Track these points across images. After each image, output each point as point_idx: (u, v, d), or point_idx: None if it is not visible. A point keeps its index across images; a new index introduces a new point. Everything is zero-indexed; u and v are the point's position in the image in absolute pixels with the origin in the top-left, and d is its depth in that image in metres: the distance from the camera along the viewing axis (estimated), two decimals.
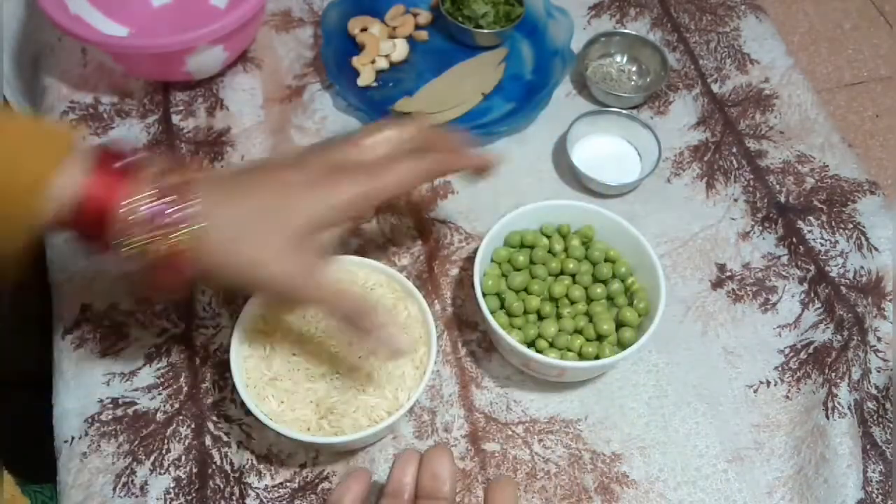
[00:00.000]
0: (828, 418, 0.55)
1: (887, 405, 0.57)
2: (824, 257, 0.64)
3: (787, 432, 0.56)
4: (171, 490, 0.52)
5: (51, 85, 0.72)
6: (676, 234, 0.65)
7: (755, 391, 0.58)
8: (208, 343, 0.58)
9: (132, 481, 0.52)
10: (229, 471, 0.53)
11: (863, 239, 0.65)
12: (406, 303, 0.54)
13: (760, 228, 0.65)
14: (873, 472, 0.55)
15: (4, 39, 0.78)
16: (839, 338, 0.59)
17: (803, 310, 0.61)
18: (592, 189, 0.66)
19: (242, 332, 0.52)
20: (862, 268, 0.63)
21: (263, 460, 0.53)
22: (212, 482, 0.53)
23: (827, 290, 0.62)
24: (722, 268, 0.63)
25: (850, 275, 0.63)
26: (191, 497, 0.52)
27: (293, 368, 0.51)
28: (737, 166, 0.69)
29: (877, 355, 0.59)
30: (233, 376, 0.50)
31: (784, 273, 0.63)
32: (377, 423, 0.49)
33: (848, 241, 0.65)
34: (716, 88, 0.74)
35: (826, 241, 0.65)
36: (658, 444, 0.55)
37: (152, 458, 0.53)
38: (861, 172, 0.69)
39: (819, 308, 0.61)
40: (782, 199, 0.67)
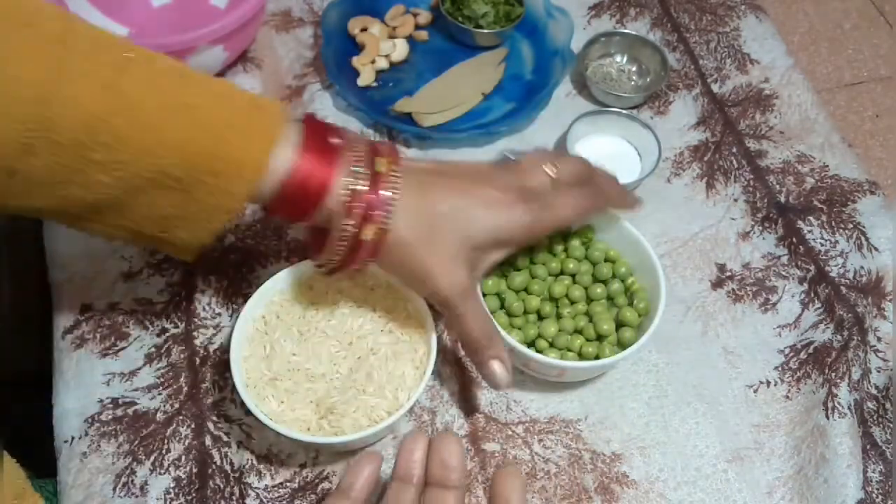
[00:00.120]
0: (828, 418, 0.55)
1: (887, 405, 0.57)
2: (824, 257, 0.64)
3: (787, 432, 0.56)
4: (171, 490, 0.52)
5: None
6: (676, 234, 0.65)
7: (755, 391, 0.58)
8: (208, 343, 0.58)
9: (132, 481, 0.52)
10: (229, 471, 0.53)
11: (863, 239, 0.65)
12: (406, 303, 0.54)
13: (760, 228, 0.65)
14: (873, 472, 0.55)
15: None
16: (839, 338, 0.59)
17: (803, 310, 0.61)
18: None
19: (242, 332, 0.52)
20: (862, 268, 0.63)
21: (263, 460, 0.53)
22: (212, 482, 0.53)
23: (827, 290, 0.62)
24: (722, 268, 0.63)
25: (850, 275, 0.63)
26: (191, 497, 0.52)
27: (293, 368, 0.51)
28: (737, 166, 0.69)
29: (877, 355, 0.59)
30: (233, 376, 0.50)
31: (784, 273, 0.63)
32: (377, 423, 0.49)
33: (848, 241, 0.65)
34: (716, 88, 0.74)
35: (826, 241, 0.65)
36: (658, 444, 0.55)
37: (152, 458, 0.53)
38: (861, 172, 0.69)
39: (819, 308, 0.61)
40: (782, 199, 0.67)
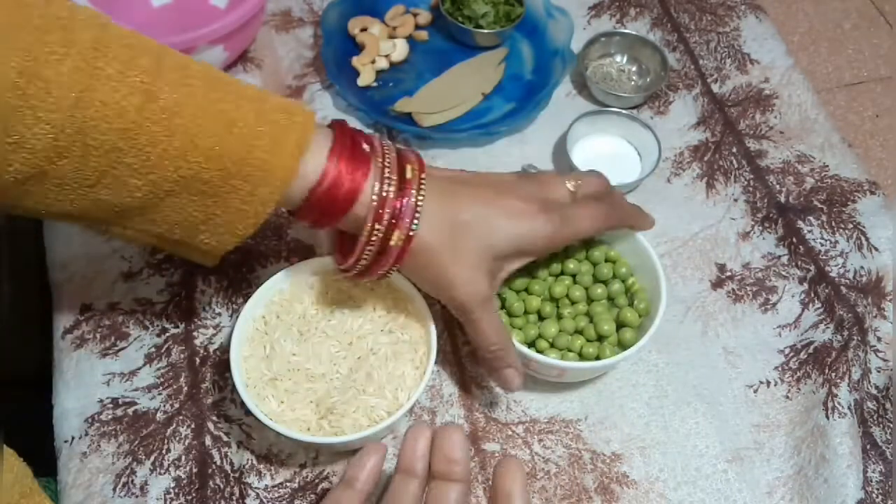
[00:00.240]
0: (828, 418, 0.55)
1: (887, 405, 0.57)
2: (824, 257, 0.64)
3: (787, 432, 0.56)
4: (171, 490, 0.52)
5: None
6: (676, 234, 0.65)
7: (755, 391, 0.58)
8: (208, 343, 0.58)
9: (132, 481, 0.52)
10: (229, 471, 0.53)
11: (863, 239, 0.65)
12: (406, 303, 0.54)
13: (760, 228, 0.65)
14: (873, 472, 0.55)
15: None
16: (839, 338, 0.59)
17: (803, 310, 0.61)
18: None
19: (242, 332, 0.52)
20: (862, 268, 0.63)
21: (263, 460, 0.53)
22: (212, 482, 0.53)
23: (827, 290, 0.62)
24: (722, 268, 0.63)
25: (850, 275, 0.63)
26: (191, 497, 0.52)
27: (293, 368, 0.51)
28: (737, 166, 0.69)
29: (877, 355, 0.59)
30: (233, 376, 0.50)
31: (784, 273, 0.63)
32: (377, 423, 0.49)
33: (848, 241, 0.65)
34: (716, 88, 0.74)
35: (826, 241, 0.65)
36: (658, 444, 0.55)
37: (152, 458, 0.53)
38: (861, 172, 0.69)
39: (819, 308, 0.61)
40: (782, 199, 0.67)
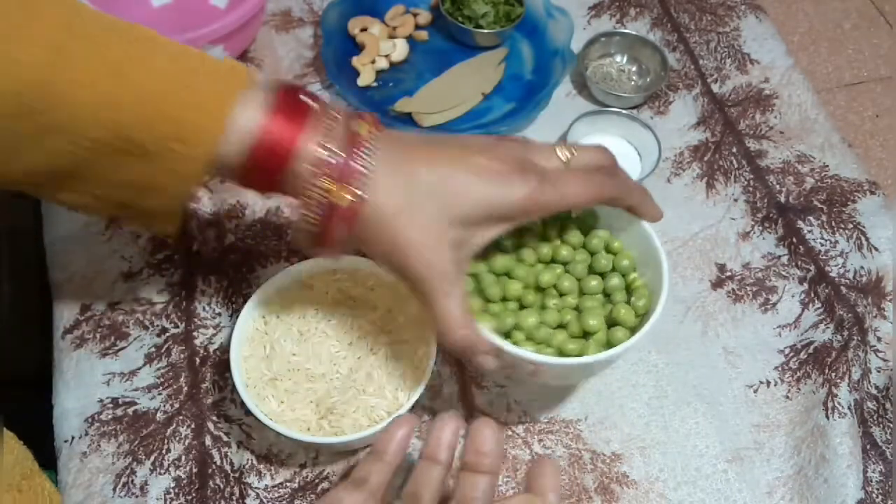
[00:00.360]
0: (828, 418, 0.55)
1: (887, 405, 0.57)
2: (824, 257, 0.64)
3: (787, 432, 0.56)
4: (171, 490, 0.52)
5: None
6: (676, 234, 0.65)
7: (755, 391, 0.58)
8: (208, 343, 0.58)
9: (132, 481, 0.52)
10: (229, 471, 0.53)
11: (863, 239, 0.65)
12: (405, 303, 0.54)
13: (760, 228, 0.65)
14: (873, 472, 0.55)
15: None
16: (839, 338, 0.59)
17: (803, 310, 0.61)
18: None
19: (242, 332, 0.52)
20: (862, 268, 0.63)
21: (263, 460, 0.53)
22: (212, 482, 0.53)
23: (827, 290, 0.62)
24: (722, 268, 0.63)
25: (850, 275, 0.63)
26: (191, 497, 0.52)
27: (293, 368, 0.51)
28: (737, 166, 0.69)
29: (877, 355, 0.59)
30: (233, 376, 0.50)
31: (784, 273, 0.63)
32: (377, 423, 0.49)
33: (848, 241, 0.65)
34: (716, 88, 0.74)
35: (826, 241, 0.65)
36: (658, 444, 0.55)
37: (152, 458, 0.53)
38: (861, 172, 0.69)
39: (819, 308, 0.61)
40: (782, 199, 0.67)
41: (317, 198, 0.42)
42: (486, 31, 0.74)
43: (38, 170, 0.43)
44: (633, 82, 0.75)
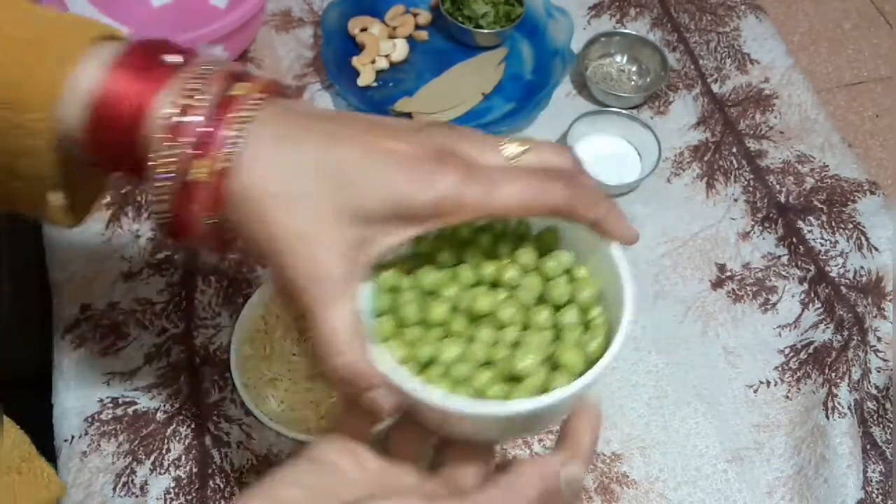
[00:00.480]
0: (828, 418, 0.55)
1: (887, 405, 0.57)
2: (824, 257, 0.64)
3: (787, 432, 0.56)
4: (172, 490, 0.52)
5: None
6: (676, 234, 0.65)
7: (755, 391, 0.58)
8: (208, 343, 0.58)
9: (132, 481, 0.52)
10: (229, 471, 0.53)
11: (863, 239, 0.65)
12: None
13: (760, 228, 0.66)
14: (873, 472, 0.55)
15: None
16: (839, 338, 0.59)
17: (803, 310, 0.61)
18: None
19: (242, 332, 0.52)
20: (862, 268, 0.63)
21: (263, 460, 0.53)
22: (212, 482, 0.53)
23: (827, 290, 0.62)
24: (722, 268, 0.63)
25: (850, 275, 0.63)
26: (191, 497, 0.52)
27: (293, 368, 0.51)
28: (737, 166, 0.69)
29: (877, 355, 0.59)
30: (233, 376, 0.50)
31: (784, 273, 0.63)
32: None
33: (848, 241, 0.65)
34: (716, 88, 0.74)
35: (826, 241, 0.65)
36: (658, 444, 0.55)
37: (152, 457, 0.53)
38: (861, 172, 0.69)
39: (819, 308, 0.61)
40: (782, 199, 0.67)
41: (167, 170, 0.34)
42: (486, 31, 0.74)
43: None
44: (633, 82, 0.75)
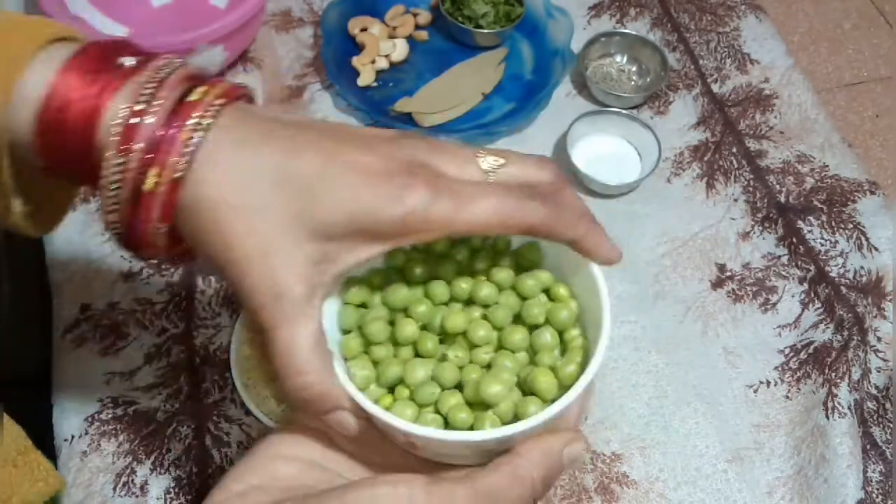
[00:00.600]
0: (828, 418, 0.55)
1: (887, 405, 0.57)
2: (824, 257, 0.64)
3: (787, 432, 0.56)
4: (172, 490, 0.52)
5: None
6: (676, 234, 0.65)
7: (755, 391, 0.58)
8: (208, 343, 0.58)
9: (132, 481, 0.52)
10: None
11: (863, 239, 0.65)
12: None
13: (760, 228, 0.66)
14: (873, 472, 0.55)
15: None
16: (839, 338, 0.59)
17: (803, 310, 0.61)
18: (593, 189, 0.66)
19: (242, 332, 0.52)
20: (862, 268, 0.63)
21: None
22: (212, 482, 0.53)
23: (827, 290, 0.62)
24: (722, 268, 0.63)
25: (850, 275, 0.63)
26: (191, 497, 0.52)
27: None
28: (737, 166, 0.69)
29: (877, 355, 0.59)
30: (233, 376, 0.50)
31: (784, 273, 0.63)
32: None
33: (848, 241, 0.65)
34: (716, 88, 0.74)
35: (826, 241, 0.65)
36: (658, 444, 0.55)
37: (152, 457, 0.53)
38: (861, 172, 0.69)
39: (819, 308, 0.61)
40: (782, 199, 0.67)
41: (118, 178, 0.33)
42: (486, 31, 0.74)
43: None
44: (633, 82, 0.75)
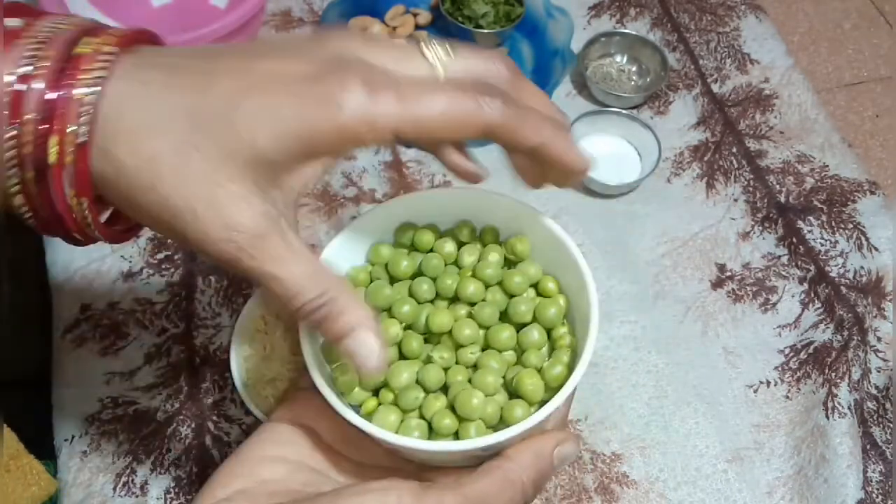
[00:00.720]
0: (828, 418, 0.55)
1: (887, 405, 0.57)
2: (824, 257, 0.64)
3: (787, 432, 0.56)
4: (172, 490, 0.52)
5: None
6: (676, 234, 0.65)
7: (755, 391, 0.58)
8: (208, 343, 0.58)
9: (132, 481, 0.52)
10: None
11: (863, 239, 0.65)
12: None
13: (760, 228, 0.66)
14: (873, 472, 0.55)
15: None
16: (839, 338, 0.59)
17: (803, 310, 0.61)
18: (592, 189, 0.66)
19: (242, 332, 0.52)
20: (862, 268, 0.63)
21: None
22: None
23: (827, 290, 0.62)
24: (722, 268, 0.63)
25: (850, 275, 0.63)
26: (191, 497, 0.52)
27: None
28: (737, 166, 0.69)
29: (877, 355, 0.59)
30: (233, 376, 0.50)
31: (784, 273, 0.63)
32: None
33: (848, 241, 0.65)
34: (716, 88, 0.74)
35: (826, 241, 0.65)
36: (658, 444, 0.55)
37: (152, 457, 0.53)
38: (861, 172, 0.69)
39: (819, 308, 0.61)
40: (782, 199, 0.67)
41: (14, 154, 0.28)
42: (486, 31, 0.74)
43: None
44: (633, 82, 0.75)
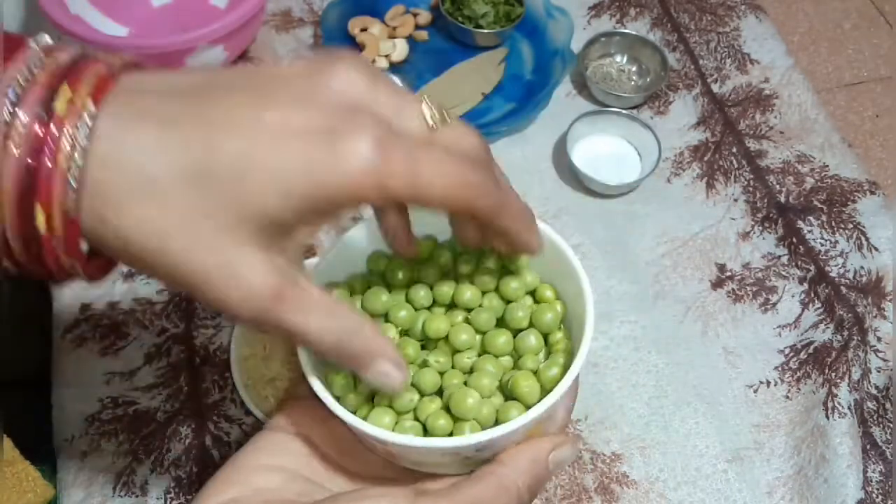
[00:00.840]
0: (828, 418, 0.55)
1: (887, 405, 0.57)
2: (824, 257, 0.64)
3: (787, 432, 0.56)
4: (172, 490, 0.52)
5: None
6: (676, 234, 0.65)
7: (755, 391, 0.58)
8: (208, 343, 0.58)
9: (132, 481, 0.52)
10: None
11: (863, 239, 0.65)
12: None
13: (760, 228, 0.66)
14: (873, 472, 0.55)
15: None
16: (839, 338, 0.59)
17: (803, 310, 0.61)
18: (592, 189, 0.66)
19: (242, 332, 0.52)
20: (862, 268, 0.63)
21: None
22: None
23: (827, 290, 0.62)
24: (722, 268, 0.63)
25: (850, 275, 0.63)
26: (191, 497, 0.52)
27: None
28: (737, 166, 0.69)
29: (877, 355, 0.59)
30: (233, 376, 0.50)
31: (784, 273, 0.63)
32: None
33: (848, 241, 0.65)
34: (716, 88, 0.74)
35: (826, 241, 0.65)
36: (658, 444, 0.55)
37: (152, 457, 0.53)
38: (861, 172, 0.69)
39: (819, 308, 0.61)
40: (782, 199, 0.67)
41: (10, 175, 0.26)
42: (486, 31, 0.74)
43: None
44: (633, 82, 0.75)
